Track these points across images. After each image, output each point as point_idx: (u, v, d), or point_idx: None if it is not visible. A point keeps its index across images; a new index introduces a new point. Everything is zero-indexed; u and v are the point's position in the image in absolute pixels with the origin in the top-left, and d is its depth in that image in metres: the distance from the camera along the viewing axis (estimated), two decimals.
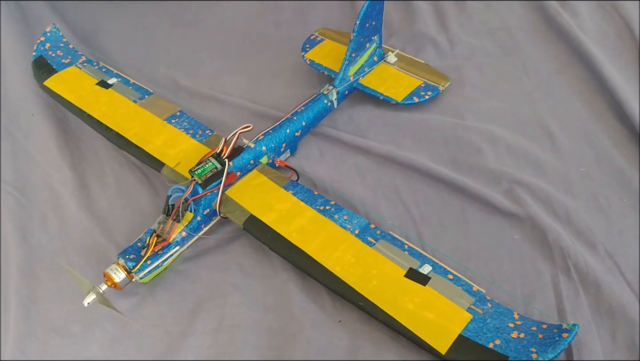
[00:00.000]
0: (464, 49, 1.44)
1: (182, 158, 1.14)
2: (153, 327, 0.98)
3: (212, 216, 1.08)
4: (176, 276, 1.05)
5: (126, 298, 1.03)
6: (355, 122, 1.28)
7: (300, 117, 1.20)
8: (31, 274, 1.09)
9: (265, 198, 1.06)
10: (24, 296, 1.05)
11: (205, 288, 1.03)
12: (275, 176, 1.11)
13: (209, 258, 1.07)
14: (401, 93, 1.28)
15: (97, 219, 1.17)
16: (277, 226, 1.01)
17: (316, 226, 1.01)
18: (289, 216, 1.03)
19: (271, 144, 1.15)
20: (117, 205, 1.20)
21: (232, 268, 1.04)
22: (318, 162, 1.21)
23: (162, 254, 1.02)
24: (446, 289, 0.91)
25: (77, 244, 1.14)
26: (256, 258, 1.06)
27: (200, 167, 1.05)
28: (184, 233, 1.04)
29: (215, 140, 1.18)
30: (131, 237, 1.11)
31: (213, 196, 1.06)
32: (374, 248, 0.97)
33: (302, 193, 1.07)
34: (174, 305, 1.01)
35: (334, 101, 1.25)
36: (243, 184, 1.10)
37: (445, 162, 1.17)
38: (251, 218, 1.03)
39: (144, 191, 1.22)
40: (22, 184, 1.26)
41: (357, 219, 1.01)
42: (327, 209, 1.03)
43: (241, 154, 1.10)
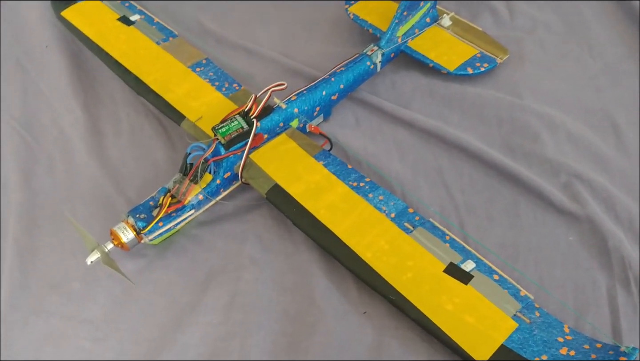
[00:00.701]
0: (525, 21, 1.29)
1: (204, 112, 1.03)
2: (160, 295, 0.90)
3: (232, 181, 0.98)
4: (188, 241, 0.96)
5: (133, 259, 0.93)
6: (398, 90, 1.16)
7: (338, 79, 1.07)
8: (31, 222, 1.00)
9: (293, 167, 0.95)
10: (22, 244, 0.97)
11: (219, 259, 0.93)
12: (305, 142, 0.99)
13: (225, 225, 0.97)
14: (454, 62, 1.14)
15: (107, 169, 1.07)
16: (304, 200, 0.90)
17: (347, 205, 0.90)
18: (318, 189, 0.92)
19: (304, 107, 1.03)
20: (130, 156, 1.10)
21: (250, 240, 0.95)
22: (353, 132, 1.10)
23: (175, 217, 0.92)
24: (490, 291, 0.80)
25: (84, 194, 1.04)
26: (277, 232, 0.95)
27: (225, 126, 0.94)
28: (201, 196, 0.93)
29: (243, 96, 1.07)
30: (143, 193, 1.02)
31: (236, 158, 0.95)
32: (411, 236, 0.86)
33: (334, 165, 0.96)
34: (184, 273, 0.92)
35: (378, 63, 1.12)
36: (269, 148, 0.99)
37: (497, 145, 1.04)
38: (276, 187, 0.92)
39: (160, 144, 1.11)
40: (29, 122, 1.17)
41: (393, 200, 0.90)
42: (360, 186, 0.92)
43: (270, 115, 0.99)
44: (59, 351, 0.84)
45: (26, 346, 0.85)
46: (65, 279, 0.92)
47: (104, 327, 0.86)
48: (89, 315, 0.88)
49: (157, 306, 0.88)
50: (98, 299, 0.89)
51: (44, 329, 0.87)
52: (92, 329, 0.86)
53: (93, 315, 0.88)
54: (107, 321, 0.87)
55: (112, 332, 0.86)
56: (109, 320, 0.87)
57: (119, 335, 0.85)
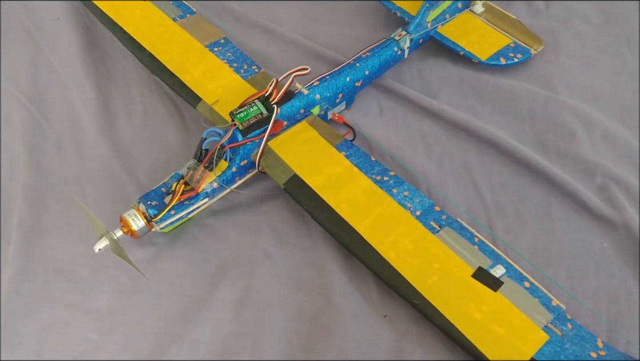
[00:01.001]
0: (561, 10, 1.22)
1: (221, 95, 0.98)
2: (169, 286, 0.85)
3: (248, 169, 0.93)
4: (200, 231, 0.91)
5: (142, 247, 0.89)
6: (425, 79, 1.10)
7: (363, 65, 1.02)
8: (38, 202, 0.96)
9: (313, 157, 0.90)
10: (27, 226, 0.93)
11: (232, 251, 0.88)
12: (327, 131, 0.94)
13: (239, 216, 0.92)
14: (486, 51, 1.08)
15: (118, 150, 1.03)
16: (324, 193, 0.85)
17: (370, 200, 0.85)
18: (339, 182, 0.87)
19: (326, 93, 0.98)
20: (142, 138, 1.05)
21: (264, 232, 0.90)
22: (376, 121, 1.04)
23: (188, 205, 0.87)
24: (520, 299, 0.75)
25: (94, 175, 1.00)
26: (294, 225, 0.91)
27: (243, 111, 0.88)
28: (215, 184, 0.89)
29: (262, 79, 1.01)
30: (154, 177, 0.98)
31: (253, 146, 0.90)
32: (437, 236, 0.81)
33: (357, 156, 0.90)
34: (195, 264, 0.88)
35: (406, 49, 1.06)
36: (289, 136, 0.93)
37: (530, 142, 0.98)
38: (295, 178, 0.87)
39: (173, 126, 1.06)
40: (39, 97, 1.12)
41: (419, 197, 0.85)
42: (384, 180, 0.87)
43: (291, 101, 0.93)
44: (63, 342, 0.80)
45: (28, 335, 0.81)
46: (71, 265, 0.88)
47: (110, 318, 0.82)
48: (94, 305, 0.84)
49: (166, 298, 0.84)
50: (105, 288, 0.85)
51: (48, 317, 0.83)
52: (98, 320, 0.82)
53: (99, 305, 0.84)
54: (113, 312, 0.83)
55: (118, 324, 0.82)
56: (115, 310, 0.83)
57: (126, 328, 0.81)
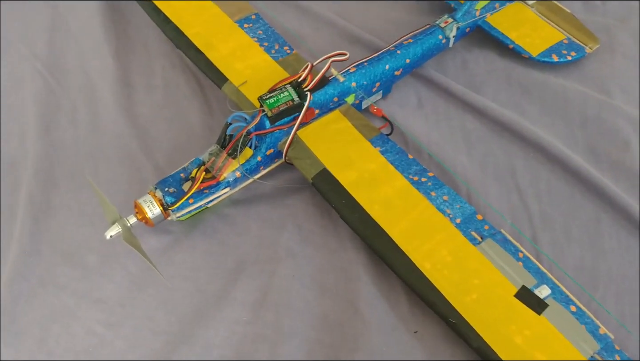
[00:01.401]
0: (619, 7, 1.13)
1: (250, 76, 0.91)
2: (183, 280, 0.79)
3: (274, 159, 0.86)
4: (219, 221, 0.85)
5: (156, 235, 0.83)
6: (470, 71, 1.02)
7: (405, 52, 0.93)
8: (49, 178, 0.91)
9: (346, 150, 0.83)
10: (37, 203, 0.87)
11: (252, 246, 0.82)
12: (361, 123, 0.87)
13: (261, 208, 0.86)
14: (537, 46, 0.99)
15: (136, 127, 0.96)
16: (356, 191, 0.79)
17: (406, 202, 0.78)
18: (372, 180, 0.80)
19: (363, 81, 0.90)
20: (162, 116, 0.98)
21: (288, 228, 0.83)
22: (414, 114, 0.96)
23: (207, 194, 0.81)
24: (566, 324, 0.68)
25: (108, 153, 0.94)
26: (320, 223, 0.84)
27: (274, 97, 0.81)
28: (238, 173, 0.82)
29: (294, 61, 0.94)
30: (172, 160, 0.92)
31: (281, 134, 0.83)
32: (478, 248, 0.74)
33: (393, 152, 0.83)
34: (212, 257, 0.82)
35: (451, 38, 0.98)
36: (320, 126, 0.86)
37: (580, 149, 0.90)
38: (324, 172, 0.80)
39: (195, 105, 0.99)
40: (54, 64, 1.06)
41: (460, 203, 0.78)
42: (422, 181, 0.80)
43: (325, 88, 0.86)
44: (67, 333, 0.75)
45: (31, 322, 0.76)
46: (80, 250, 0.83)
47: (119, 311, 0.77)
48: (102, 295, 0.78)
49: (179, 293, 0.78)
50: (114, 277, 0.80)
51: (53, 305, 0.77)
52: (106, 311, 0.77)
53: (107, 296, 0.78)
54: (122, 304, 0.77)
55: (126, 318, 0.76)
56: (124, 302, 0.77)
57: (134, 322, 0.76)
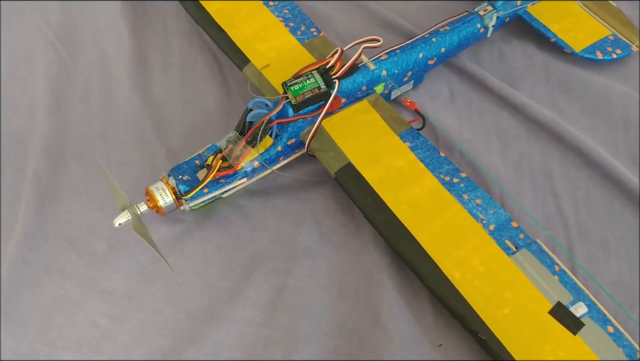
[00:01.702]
0: None
1: (273, 59, 0.85)
2: (194, 274, 0.75)
3: (295, 149, 0.81)
4: (234, 212, 0.80)
5: (167, 224, 0.79)
6: (507, 64, 0.95)
7: (440, 40, 0.87)
8: (57, 157, 0.86)
9: (373, 144, 0.78)
10: (44, 183, 0.83)
11: (268, 242, 0.77)
12: (390, 115, 0.81)
13: (279, 201, 0.81)
14: (581, 41, 0.93)
15: (150, 107, 0.92)
16: (382, 189, 0.73)
17: (436, 204, 0.72)
18: (400, 178, 0.74)
19: (394, 70, 0.84)
20: (178, 97, 0.93)
21: (307, 225, 0.78)
22: (446, 107, 0.90)
23: (223, 184, 0.76)
24: (602, 346, 0.63)
25: (121, 134, 0.89)
26: (342, 221, 0.79)
27: (299, 83, 0.76)
28: (256, 163, 0.77)
29: (321, 45, 0.88)
30: (187, 144, 0.87)
31: (304, 124, 0.78)
32: (512, 259, 0.69)
33: (424, 149, 0.77)
34: (225, 251, 0.77)
35: (490, 28, 0.91)
36: (346, 116, 0.81)
37: (622, 154, 0.84)
38: (348, 167, 0.75)
39: (214, 87, 0.94)
40: (68, 36, 1.01)
41: (494, 208, 0.72)
42: (454, 182, 0.74)
43: (353, 75, 0.80)
44: (70, 324, 0.71)
45: (33, 311, 0.72)
46: (87, 236, 0.78)
47: (125, 303, 0.73)
48: (109, 286, 0.74)
49: (189, 288, 0.74)
50: (122, 267, 0.75)
51: (56, 293, 0.73)
52: (111, 303, 0.73)
53: (113, 286, 0.74)
54: (129, 296, 0.73)
55: (133, 311, 0.72)
56: (131, 295, 0.73)
57: (141, 316, 0.72)
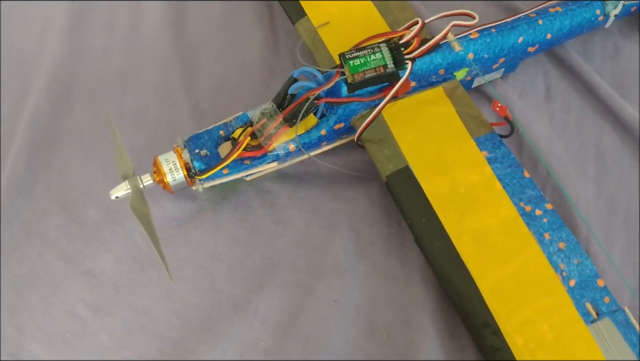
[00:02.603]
0: None
1: (335, 17, 0.68)
2: (197, 269, 0.62)
3: (342, 135, 0.65)
4: (257, 197, 0.66)
5: (176, 200, 0.66)
6: (622, 65, 0.75)
7: (547, 24, 0.68)
8: (62, 95, 0.74)
9: (441, 147, 0.61)
10: (41, 124, 0.71)
11: (292, 244, 0.63)
12: (470, 112, 0.64)
13: (313, 194, 0.66)
14: None
15: (181, 48, 0.78)
16: (443, 209, 0.58)
17: (509, 241, 0.57)
18: (470, 198, 0.59)
19: (483, 53, 0.66)
20: (216, 41, 0.79)
21: (342, 232, 0.64)
22: (537, 108, 0.72)
23: (248, 166, 0.62)
24: None
25: (141, 76, 0.76)
26: (385, 234, 0.64)
27: (361, 57, 0.59)
28: (292, 146, 0.62)
29: (399, 8, 0.70)
30: (218, 101, 0.74)
31: (359, 108, 0.62)
32: (590, 329, 0.53)
33: (504, 164, 0.61)
34: (239, 246, 0.63)
35: (611, 17, 0.71)
36: (413, 105, 0.64)
37: None
38: (405, 172, 0.59)
39: (259, 37, 0.78)
40: None
41: (579, 257, 0.56)
42: (536, 215, 0.58)
43: (431, 55, 0.63)
44: (44, 306, 0.60)
45: (5, 282, 0.61)
46: (81, 197, 0.66)
47: (110, 293, 0.61)
48: (95, 267, 0.62)
49: (189, 287, 0.61)
50: (114, 245, 0.63)
51: (34, 264, 0.62)
52: (95, 290, 0.61)
53: (101, 269, 0.62)
54: (116, 285, 0.61)
55: (118, 305, 0.60)
56: (120, 283, 0.61)
57: (127, 314, 0.59)
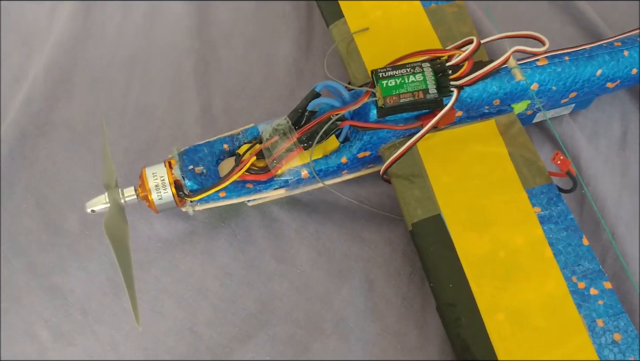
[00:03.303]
0: None
1: (375, 23, 0.58)
2: (178, 305, 0.53)
3: (366, 164, 0.55)
4: (260, 225, 0.57)
5: (166, 218, 0.57)
6: None
7: (635, 56, 0.55)
8: (62, 76, 0.67)
9: (484, 196, 0.50)
10: (34, 108, 0.64)
11: (292, 288, 0.53)
12: (525, 156, 0.52)
13: (326, 229, 0.56)
14: None
15: (202, 37, 0.70)
16: (477, 276, 0.47)
17: (552, 326, 0.45)
18: (511, 266, 0.47)
19: (551, 84, 0.54)
20: (241, 32, 0.70)
21: (353, 281, 0.53)
22: (608, 155, 0.60)
23: (250, 190, 0.52)
24: None
25: (152, 66, 0.68)
26: (404, 291, 0.53)
27: (397, 77, 0.48)
28: (305, 172, 0.52)
29: (454, 18, 0.59)
30: (232, 104, 0.66)
31: (389, 136, 0.52)
32: None
33: (559, 226, 0.49)
34: (231, 282, 0.54)
35: None
36: (455, 139, 0.53)
37: None
38: (436, 221, 0.49)
39: (293, 32, 0.69)
40: None
41: (635, 353, 0.44)
42: (590, 295, 0.46)
43: (485, 81, 0.51)
44: (2, 321, 0.52)
45: None
46: (62, 200, 0.59)
47: (77, 318, 0.52)
48: (65, 284, 0.54)
49: (166, 324, 0.52)
50: (89, 263, 0.55)
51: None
52: (60, 311, 0.53)
53: (70, 288, 0.54)
54: (84, 309, 0.53)
55: (84, 333, 0.52)
56: (88, 308, 0.53)
57: (90, 345, 0.51)
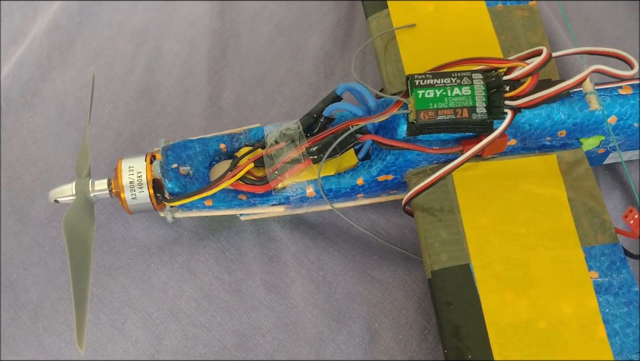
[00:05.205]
0: None
1: (424, 20, 0.49)
2: (145, 325, 0.45)
3: (387, 190, 0.45)
4: (254, 243, 0.48)
5: (147, 221, 0.49)
6: None
7: None
8: (62, 43, 0.60)
9: (529, 248, 0.39)
10: (25, 75, 0.58)
11: (277, 327, 0.44)
12: (588, 204, 0.41)
13: (330, 260, 0.47)
14: None
15: (223, 21, 0.63)
16: (506, 349, 0.37)
17: None
18: (552, 342, 0.37)
19: (633, 120, 0.43)
20: (270, 16, 0.62)
21: (351, 327, 0.44)
22: None
23: (242, 203, 0.44)
24: None
25: (165, 42, 0.62)
26: (414, 350, 0.43)
27: (438, 87, 0.38)
28: (311, 190, 0.43)
29: (523, 22, 0.49)
30: (247, 98, 0.60)
31: (419, 159, 0.42)
32: None
33: (620, 299, 0.38)
34: (211, 308, 0.45)
35: None
36: (503, 173, 0.42)
37: None
38: (462, 271, 0.39)
39: (325, 24, 0.61)
40: None
41: None
42: None
43: (550, 106, 0.41)
44: None
45: None
46: (34, 182, 0.53)
47: (26, 322, 0.45)
48: (19, 281, 0.47)
49: (125, 345, 0.44)
50: (49, 261, 0.48)
51: None
52: (9, 310, 0.46)
53: (24, 286, 0.47)
54: (36, 313, 0.45)
55: (30, 340, 0.44)
56: (41, 313, 0.45)
57: (34, 355, 0.44)
